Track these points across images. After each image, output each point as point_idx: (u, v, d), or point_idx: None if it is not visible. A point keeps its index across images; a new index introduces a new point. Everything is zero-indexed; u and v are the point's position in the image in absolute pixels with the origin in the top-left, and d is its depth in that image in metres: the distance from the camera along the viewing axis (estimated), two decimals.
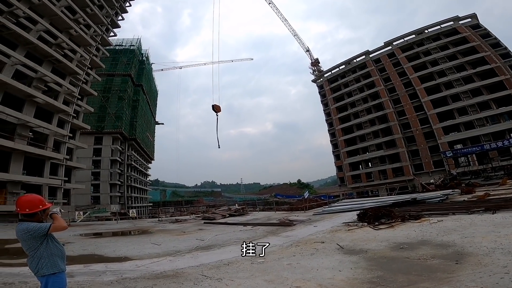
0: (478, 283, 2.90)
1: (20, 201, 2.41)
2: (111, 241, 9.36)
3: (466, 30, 41.04)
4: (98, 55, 32.70)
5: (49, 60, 24.08)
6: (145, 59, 58.91)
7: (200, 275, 4.33)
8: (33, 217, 2.41)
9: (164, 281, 4.06)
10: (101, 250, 7.40)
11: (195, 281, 3.97)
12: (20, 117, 21.01)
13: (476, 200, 10.42)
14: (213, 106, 15.59)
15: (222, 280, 3.99)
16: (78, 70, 27.19)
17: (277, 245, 6.58)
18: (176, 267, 4.91)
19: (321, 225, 9.40)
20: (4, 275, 4.38)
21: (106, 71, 43.85)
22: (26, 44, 21.74)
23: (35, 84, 22.46)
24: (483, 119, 37.85)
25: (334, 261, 4.53)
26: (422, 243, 5.16)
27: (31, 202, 2.41)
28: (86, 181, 40.30)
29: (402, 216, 8.00)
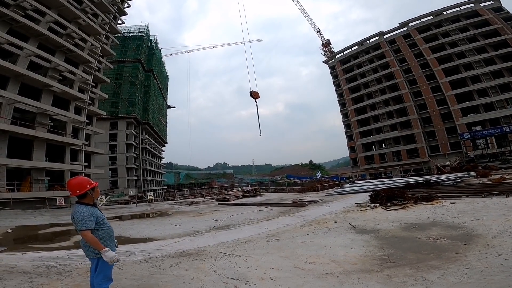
0: (483, 263, 3.06)
1: (70, 185, 2.64)
2: (133, 223, 9.87)
3: (487, 12, 39.07)
4: (108, 43, 33.26)
5: (61, 50, 24.77)
6: (154, 44, 59.39)
7: (220, 252, 4.66)
8: (85, 197, 2.63)
9: (187, 258, 4.38)
10: (127, 232, 7.77)
11: (216, 258, 4.29)
12: (39, 106, 21.94)
13: (491, 183, 10.32)
14: (251, 92, 15.36)
15: (240, 256, 4.30)
16: (90, 59, 27.89)
17: (291, 224, 6.90)
18: (197, 246, 5.25)
19: (333, 205, 9.65)
20: (45, 259, 4.68)
21: (117, 58, 44.54)
22: (37, 35, 22.34)
23: (50, 74, 23.31)
24: (503, 101, 36.45)
25: (346, 240, 4.78)
26: (433, 224, 5.31)
27: (80, 184, 2.62)
28: (104, 166, 42.02)
29: (415, 198, 8.11)
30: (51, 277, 3.67)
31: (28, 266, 4.15)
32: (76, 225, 2.54)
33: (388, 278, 2.90)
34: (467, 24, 40.72)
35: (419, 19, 46.05)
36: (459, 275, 2.77)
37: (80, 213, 2.52)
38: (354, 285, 2.80)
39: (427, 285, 2.62)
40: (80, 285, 3.34)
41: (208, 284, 3.17)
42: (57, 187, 23.65)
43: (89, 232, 2.50)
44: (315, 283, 2.95)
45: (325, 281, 3.00)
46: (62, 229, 9.41)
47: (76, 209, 2.57)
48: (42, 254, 5.19)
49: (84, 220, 2.49)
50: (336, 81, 56.73)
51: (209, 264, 3.98)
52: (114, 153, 47.99)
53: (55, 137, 23.52)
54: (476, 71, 38.79)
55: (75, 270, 3.95)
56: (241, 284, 3.10)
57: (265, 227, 6.92)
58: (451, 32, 41.87)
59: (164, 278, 3.49)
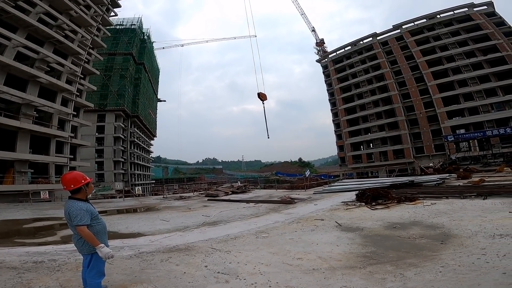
0: (457, 261, 3.29)
1: (65, 179, 2.65)
2: (122, 218, 9.69)
3: (480, 17, 40.19)
4: (99, 35, 32.57)
5: (50, 41, 24.13)
6: (147, 37, 58.54)
7: (210, 248, 4.74)
8: (79, 192, 2.65)
9: (178, 254, 4.44)
10: (115, 227, 7.63)
11: (206, 254, 4.37)
12: (24, 96, 21.36)
13: (470, 185, 10.85)
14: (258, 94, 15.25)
15: (230, 252, 4.41)
16: (80, 50, 27.30)
17: (280, 221, 7.08)
18: (187, 242, 5.32)
19: (321, 203, 9.91)
20: (33, 254, 4.63)
21: (108, 51, 43.77)
22: (26, 26, 21.71)
23: (37, 65, 22.71)
24: (488, 106, 37.91)
25: (333, 237, 4.99)
26: (414, 223, 5.60)
27: (74, 179, 2.64)
28: (90, 159, 41.14)
29: (398, 198, 8.45)
30: (40, 272, 3.66)
31: (15, 262, 4.13)
32: (71, 220, 2.53)
33: (370, 274, 3.10)
34: (459, 28, 41.77)
35: (412, 22, 47.06)
36: (434, 273, 2.98)
37: (76, 209, 2.53)
38: (339, 280, 2.98)
39: (404, 281, 2.81)
40: (71, 280, 3.34)
41: (199, 279, 3.26)
42: (40, 180, 23.06)
43: (86, 227, 2.52)
44: (303, 278, 3.11)
45: (312, 276, 3.16)
46: (47, 223, 9.26)
47: (71, 204, 2.58)
48: (29, 249, 5.14)
49: (81, 216, 2.50)
50: (328, 80, 57.37)
51: (200, 260, 4.06)
52: (101, 145, 47.07)
53: (40, 128, 22.92)
54: (463, 75, 40.08)
55: (64, 265, 3.96)
56: (232, 279, 3.22)
57: (254, 223, 7.07)
58: (442, 36, 42.99)
59: (155, 273, 3.55)
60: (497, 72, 37.60)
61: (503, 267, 2.93)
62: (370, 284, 2.83)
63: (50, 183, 24.03)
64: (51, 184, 24.04)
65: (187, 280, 3.23)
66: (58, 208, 14.57)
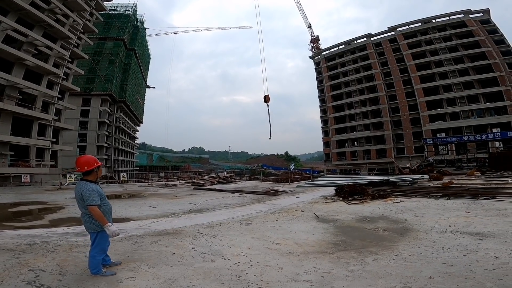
0: (408, 251, 3.83)
1: (79, 161, 2.96)
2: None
3: (474, 24, 41.52)
4: (91, 19, 32.03)
5: (40, 25, 23.77)
6: (140, 24, 57.78)
7: (197, 232, 5.14)
8: (91, 174, 2.95)
9: (167, 237, 4.78)
10: None
11: (194, 237, 4.77)
12: (9, 78, 21.03)
13: (439, 186, 11.76)
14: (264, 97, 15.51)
15: (216, 236, 4.84)
16: (70, 35, 26.90)
17: (263, 211, 7.59)
18: (175, 226, 5.67)
19: (302, 196, 10.52)
20: (24, 237, 4.74)
21: (98, 35, 42.66)
22: (18, 10, 21.30)
23: (25, 48, 22.38)
24: (469, 112, 39.76)
25: (309, 227, 5.53)
26: (382, 218, 6.23)
27: (88, 162, 2.95)
28: (72, 143, 40.20)
29: (373, 195, 9.15)
30: (36, 253, 3.83)
31: (9, 244, 4.27)
32: (83, 200, 2.80)
33: (336, 259, 3.62)
34: (452, 33, 43.05)
35: (407, 25, 48.16)
36: (388, 260, 3.52)
37: (89, 189, 2.80)
38: (310, 263, 3.48)
39: (364, 266, 3.33)
40: (67, 259, 3.56)
41: (188, 258, 3.65)
42: (21, 163, 22.58)
43: (97, 207, 2.80)
44: (280, 260, 3.59)
45: (288, 258, 3.65)
46: (33, 207, 9.28)
47: (83, 185, 2.85)
48: (19, 232, 5.26)
49: (93, 196, 2.78)
50: (320, 77, 58.13)
51: (188, 242, 4.44)
52: (84, 130, 46.08)
53: (24, 110, 22.51)
54: (449, 80, 41.69)
55: (57, 247, 4.14)
56: (217, 259, 3.64)
57: (238, 212, 7.56)
58: (434, 40, 44.27)
59: (146, 253, 3.85)
60: (481, 79, 39.37)
61: (444, 258, 3.48)
62: (336, 266, 3.34)
63: (31, 167, 23.59)
64: (32, 167, 23.60)
65: (177, 259, 3.60)
66: (40, 192, 14.54)
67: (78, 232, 5.03)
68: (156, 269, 3.25)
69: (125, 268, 3.26)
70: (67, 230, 5.36)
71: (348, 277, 3.01)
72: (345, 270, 3.23)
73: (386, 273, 3.06)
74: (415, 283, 2.78)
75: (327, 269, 3.25)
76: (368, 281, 2.87)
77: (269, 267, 3.35)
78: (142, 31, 59.93)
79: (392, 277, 2.95)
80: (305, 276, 3.06)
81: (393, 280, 2.87)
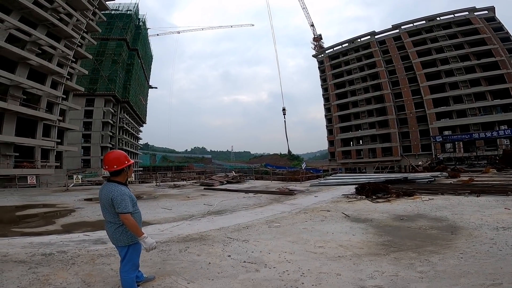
0: (472, 249, 3.52)
1: (108, 158, 2.38)
2: None
3: (479, 21, 40.97)
4: (94, 19, 31.98)
5: (44, 24, 23.56)
6: (142, 24, 57.89)
7: (225, 237, 4.67)
8: (120, 174, 2.40)
9: (194, 243, 4.33)
10: None
11: (224, 243, 4.30)
12: (13, 78, 20.74)
13: (461, 183, 11.34)
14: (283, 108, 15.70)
15: (248, 241, 4.38)
16: (74, 34, 26.71)
17: (286, 211, 7.20)
18: (199, 231, 5.21)
19: (321, 195, 10.13)
20: (37, 245, 4.28)
21: (101, 35, 42.74)
22: (20, 9, 21.09)
23: (28, 47, 22.14)
24: (476, 109, 39.28)
25: (345, 227, 5.14)
26: (419, 216, 5.84)
27: (118, 159, 2.37)
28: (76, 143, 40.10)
29: (397, 193, 8.75)
30: (54, 266, 3.37)
31: (21, 254, 3.82)
32: (113, 207, 2.28)
33: (396, 260, 3.26)
34: (457, 31, 42.62)
35: (412, 23, 47.72)
36: (456, 259, 3.19)
37: (121, 194, 2.26)
38: (368, 266, 3.11)
39: (432, 266, 3.00)
40: (92, 274, 3.10)
41: (228, 269, 3.20)
42: (25, 164, 22.30)
43: (130, 215, 2.27)
44: (332, 265, 3.21)
45: (340, 263, 3.28)
46: (41, 210, 8.72)
47: (114, 188, 2.31)
48: (31, 239, 4.78)
49: (125, 202, 2.26)
50: (323, 75, 57.71)
51: (220, 249, 3.99)
52: (88, 130, 45.90)
53: (28, 110, 22.25)
54: (456, 78, 41.23)
55: (77, 257, 3.68)
56: (261, 267, 3.22)
57: (260, 213, 7.16)
58: (440, 38, 43.80)
59: (178, 264, 3.42)
60: (488, 76, 38.89)
61: None
62: (401, 268, 2.98)
63: (36, 168, 23.33)
64: (37, 168, 23.35)
65: (216, 271, 3.16)
66: (47, 194, 14.09)
67: (95, 239, 4.65)
68: (197, 285, 2.82)
69: (161, 285, 2.82)
70: (83, 237, 4.91)
71: (422, 278, 2.74)
72: (413, 271, 2.93)
73: (464, 272, 2.83)
74: (503, 279, 2.55)
75: (393, 272, 2.93)
76: (449, 281, 2.62)
77: (325, 274, 2.98)
78: (144, 31, 59.81)
79: (474, 275, 2.72)
80: (372, 282, 2.73)
81: (477, 278, 2.64)
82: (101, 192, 2.39)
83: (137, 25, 56.21)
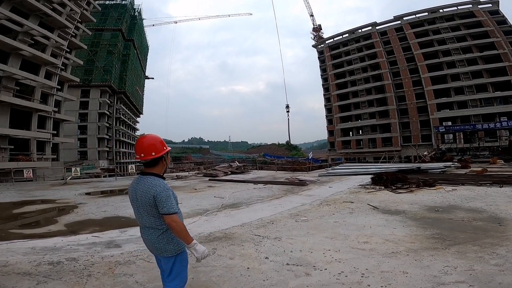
0: None
1: (143, 144, 1.83)
2: (125, 200, 8.03)
3: (483, 14, 40.41)
4: (88, 9, 31.19)
5: (36, 14, 22.76)
6: (138, 14, 56.57)
7: (253, 235, 4.25)
8: (158, 164, 1.87)
9: (221, 243, 3.87)
10: (123, 211, 6.56)
11: (254, 242, 3.85)
12: (5, 69, 20.06)
13: (475, 174, 11.09)
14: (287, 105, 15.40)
15: (281, 239, 3.94)
16: (68, 24, 25.97)
17: (306, 203, 6.83)
18: (220, 228, 4.74)
19: (335, 186, 9.80)
20: (41, 251, 3.69)
21: (95, 26, 41.63)
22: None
23: (21, 37, 21.42)
24: (477, 100, 39.27)
25: (379, 220, 4.80)
26: (453, 207, 5.53)
27: (154, 145, 1.83)
28: (72, 135, 39.29)
29: (417, 183, 8.44)
30: (67, 279, 2.77)
31: (24, 263, 3.24)
32: (154, 206, 1.78)
33: (461, 254, 2.98)
34: (460, 23, 42.16)
35: (414, 14, 47.04)
36: None
37: (165, 189, 1.76)
38: (433, 261, 2.80)
39: (505, 258, 2.76)
40: None
41: (272, 275, 2.76)
42: (21, 157, 21.65)
43: (177, 216, 1.77)
44: (391, 262, 2.87)
45: (399, 259, 2.94)
46: (41, 207, 7.87)
47: (154, 182, 1.79)
48: (33, 243, 4.11)
49: (171, 200, 1.76)
50: (323, 65, 56.98)
51: (253, 250, 3.51)
52: (84, 122, 44.99)
53: (22, 101, 21.62)
54: (457, 70, 41.02)
55: (91, 267, 3.11)
56: (310, 270, 2.84)
57: (279, 205, 6.74)
58: (442, 30, 43.34)
59: (212, 271, 2.91)
60: (490, 68, 38.75)
61: None
62: (472, 262, 2.74)
63: (32, 161, 22.72)
64: (33, 161, 22.74)
65: (259, 278, 2.69)
66: (45, 188, 13.25)
67: (107, 242, 4.08)
68: None
69: None
70: (92, 239, 4.29)
71: (503, 271, 2.50)
72: (488, 265, 2.68)
73: None
74: None
75: (466, 266, 2.65)
76: None
77: (388, 273, 2.63)
78: (140, 21, 58.60)
79: None
80: (449, 278, 2.44)
81: None
82: (136, 189, 1.85)
83: (132, 15, 54.95)
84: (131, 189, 1.90)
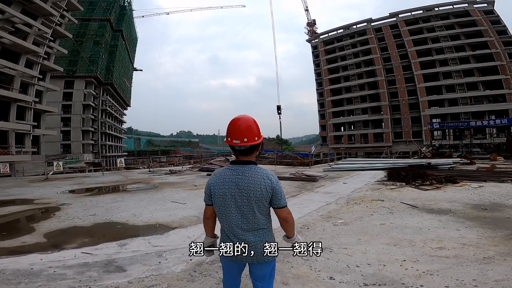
0: None
1: (239, 128, 1.43)
2: (117, 200, 7.02)
3: (478, 14, 40.90)
4: None
5: (19, 1, 21.50)
6: (127, 4, 54.42)
7: None
8: (255, 149, 1.51)
9: None
10: (117, 215, 5.42)
11: (301, 257, 2.93)
12: None
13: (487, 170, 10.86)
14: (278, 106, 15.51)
15: (332, 250, 3.20)
16: (53, 11, 24.64)
17: (331, 202, 6.17)
18: None
19: (349, 182, 9.27)
20: (11, 277, 2.62)
21: (82, 16, 39.46)
22: None
23: (1, 25, 20.23)
24: (467, 98, 40.06)
25: (431, 221, 4.23)
26: (498, 205, 5.09)
27: (257, 128, 1.48)
28: (55, 127, 37.04)
29: (439, 179, 8.00)
30: None
31: None
32: (268, 200, 1.45)
33: None
34: (455, 22, 42.61)
35: (409, 12, 47.23)
36: None
37: (277, 180, 1.49)
38: None
39: None
40: None
41: None
42: None
43: None
44: (496, 269, 2.43)
45: (501, 265, 2.52)
46: (16, 209, 6.35)
47: (266, 172, 1.47)
48: (2, 263, 2.98)
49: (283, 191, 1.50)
50: (317, 60, 56.64)
51: (306, 268, 2.72)
52: (67, 113, 42.61)
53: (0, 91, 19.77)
54: (449, 68, 41.61)
55: None
56: None
57: (302, 205, 5.87)
58: (436, 28, 43.73)
59: None
60: (482, 67, 39.49)
61: None
62: None
63: (10, 154, 21.12)
64: (11, 155, 21.12)
65: None
66: (24, 185, 11.46)
67: (104, 262, 2.98)
68: None
69: None
70: (83, 257, 3.16)
71: None
72: None
73: None
74: None
75: None
76: None
77: (505, 281, 2.09)
78: (129, 11, 56.41)
79: None
80: None
81: None
82: (240, 181, 1.43)
83: (122, 5, 52.81)
84: (230, 182, 1.45)
